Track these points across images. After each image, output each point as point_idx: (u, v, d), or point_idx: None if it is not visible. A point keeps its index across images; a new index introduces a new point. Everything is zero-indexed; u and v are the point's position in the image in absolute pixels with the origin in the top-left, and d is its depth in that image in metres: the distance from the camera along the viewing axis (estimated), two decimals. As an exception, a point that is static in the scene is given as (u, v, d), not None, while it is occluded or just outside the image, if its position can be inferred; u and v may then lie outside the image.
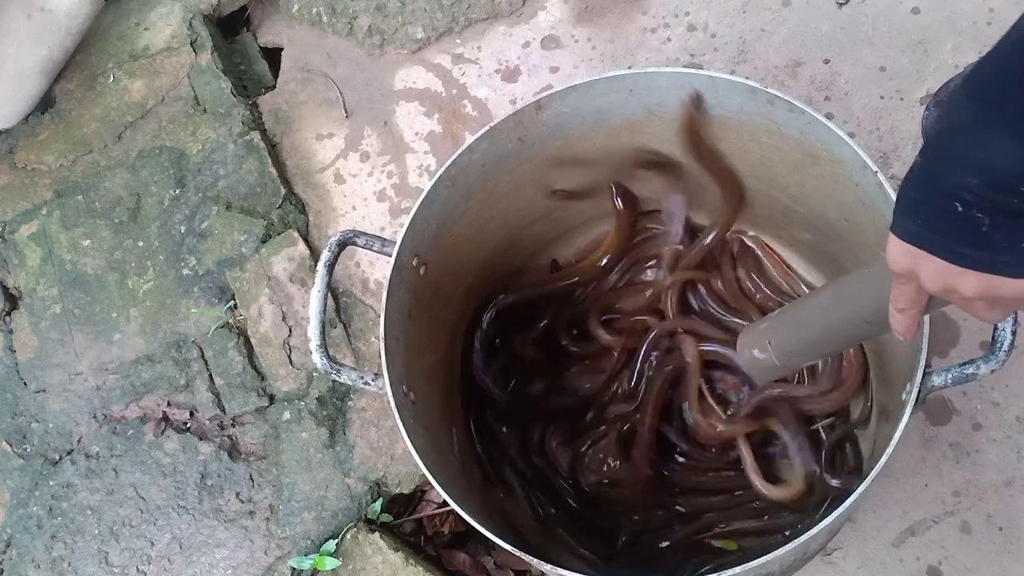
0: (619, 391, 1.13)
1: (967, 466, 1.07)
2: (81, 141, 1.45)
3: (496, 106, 1.37)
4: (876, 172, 0.84)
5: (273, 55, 1.52)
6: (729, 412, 1.07)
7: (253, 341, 1.26)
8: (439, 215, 0.98)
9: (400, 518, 1.18)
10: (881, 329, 0.69)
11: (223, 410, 1.24)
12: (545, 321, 1.16)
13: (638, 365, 1.11)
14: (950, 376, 0.79)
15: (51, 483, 1.25)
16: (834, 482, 0.96)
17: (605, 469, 1.09)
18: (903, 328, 0.64)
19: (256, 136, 1.39)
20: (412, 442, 0.84)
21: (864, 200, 0.89)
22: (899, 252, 0.55)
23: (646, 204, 1.16)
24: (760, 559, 0.76)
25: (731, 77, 0.90)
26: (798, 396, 1.04)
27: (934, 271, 0.53)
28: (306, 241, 1.31)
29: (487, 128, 0.96)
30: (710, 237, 1.10)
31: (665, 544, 1.05)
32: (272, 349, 1.25)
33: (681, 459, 1.08)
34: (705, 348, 1.08)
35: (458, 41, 1.43)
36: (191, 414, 1.25)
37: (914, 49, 1.26)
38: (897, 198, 0.54)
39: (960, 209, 0.49)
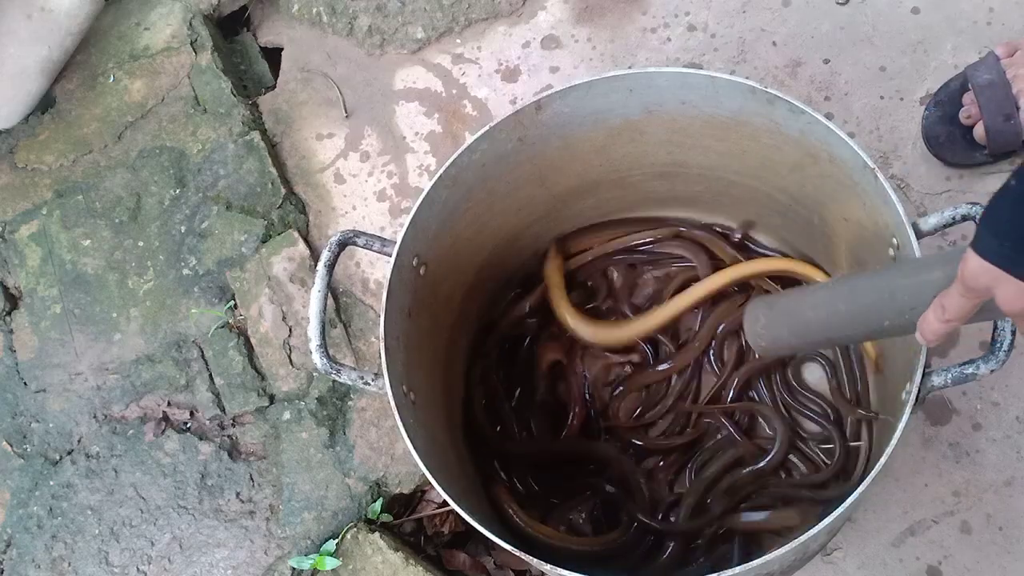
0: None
1: (967, 466, 1.07)
2: (81, 141, 1.45)
3: (496, 106, 1.37)
4: (876, 172, 0.84)
5: (273, 55, 1.52)
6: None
7: (253, 341, 1.27)
8: (439, 215, 0.98)
9: (400, 518, 1.18)
10: (898, 331, 0.68)
11: (223, 410, 1.24)
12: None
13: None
14: (950, 376, 0.79)
15: (51, 483, 1.25)
16: None
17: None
18: (934, 335, 0.65)
19: (256, 136, 1.39)
20: (412, 442, 0.84)
21: (864, 200, 0.89)
22: (980, 269, 0.55)
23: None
24: (760, 559, 0.76)
25: (731, 77, 0.90)
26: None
27: (1015, 293, 0.54)
28: (306, 241, 1.31)
29: (487, 128, 0.96)
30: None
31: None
32: (272, 349, 1.25)
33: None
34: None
35: (458, 41, 1.43)
36: (191, 414, 1.25)
37: (914, 49, 1.27)
38: (984, 217, 0.55)
39: None
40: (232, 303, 1.29)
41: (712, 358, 1.11)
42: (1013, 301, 0.55)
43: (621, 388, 1.13)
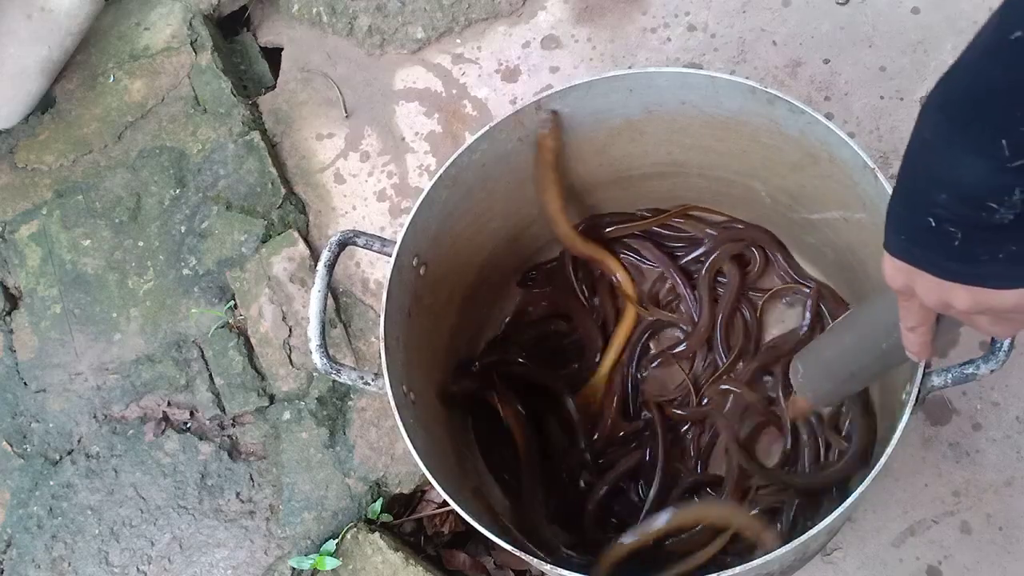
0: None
1: (967, 466, 1.07)
2: (81, 141, 1.45)
3: (496, 106, 1.37)
4: (876, 172, 0.84)
5: (273, 55, 1.52)
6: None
7: (253, 341, 1.27)
8: (439, 215, 0.98)
9: (400, 518, 1.18)
10: (899, 354, 0.69)
11: (223, 410, 1.24)
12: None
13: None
14: (950, 376, 0.79)
15: (51, 483, 1.25)
16: None
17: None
18: (917, 347, 0.64)
19: (256, 136, 1.39)
20: (412, 442, 0.84)
21: (864, 200, 0.89)
22: (893, 268, 0.55)
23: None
24: (760, 559, 0.76)
25: (731, 77, 0.90)
26: None
27: (927, 286, 0.54)
28: (306, 241, 1.31)
29: (487, 128, 0.96)
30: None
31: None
32: (272, 349, 1.25)
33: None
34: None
35: (458, 41, 1.43)
36: (191, 414, 1.25)
37: (914, 49, 1.27)
38: (887, 214, 0.54)
39: (933, 224, 0.49)
40: (232, 303, 1.29)
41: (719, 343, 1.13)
42: (929, 294, 0.54)
43: (658, 361, 1.14)
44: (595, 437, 1.11)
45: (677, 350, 1.13)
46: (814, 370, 0.86)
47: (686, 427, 1.11)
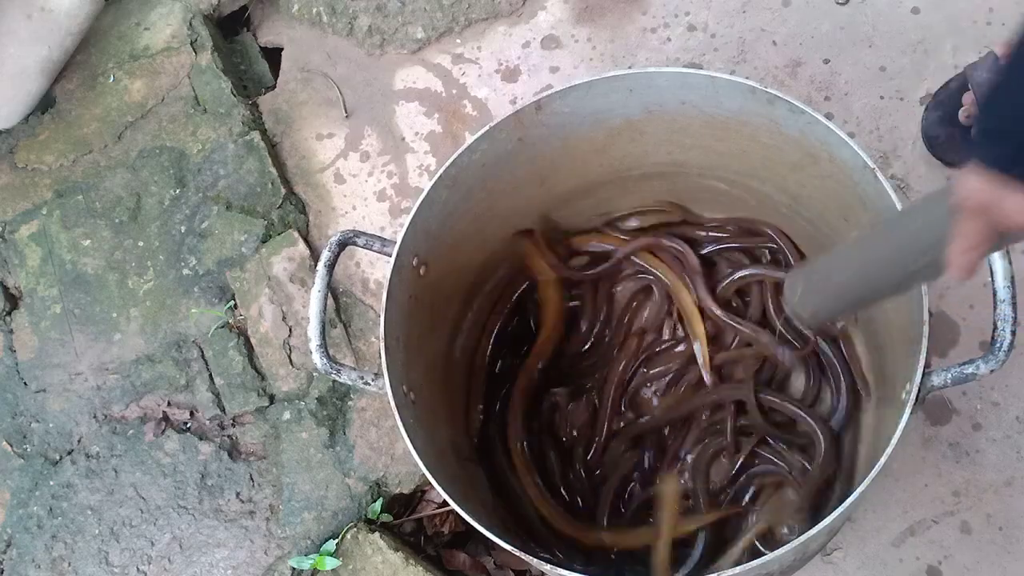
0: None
1: (967, 466, 1.07)
2: (81, 141, 1.45)
3: (496, 106, 1.37)
4: (876, 172, 0.84)
5: (273, 55, 1.52)
6: None
7: (253, 341, 1.27)
8: (439, 215, 0.98)
9: (400, 518, 1.18)
10: (923, 275, 0.65)
11: (223, 410, 1.24)
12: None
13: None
14: (950, 376, 0.79)
15: (51, 483, 1.25)
16: None
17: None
18: (964, 270, 0.59)
19: (256, 136, 1.39)
20: (412, 442, 0.84)
21: (864, 200, 0.89)
22: (976, 184, 0.51)
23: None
24: (760, 559, 0.76)
25: (731, 77, 0.90)
26: None
27: (1019, 202, 0.50)
28: (306, 241, 1.31)
29: (487, 128, 0.96)
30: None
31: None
32: (272, 349, 1.25)
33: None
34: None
35: (458, 41, 1.43)
36: (191, 414, 1.25)
37: (914, 49, 1.27)
38: (977, 128, 0.51)
39: None
40: (232, 303, 1.29)
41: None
42: (1019, 210, 0.50)
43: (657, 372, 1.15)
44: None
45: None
46: (819, 287, 0.81)
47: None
